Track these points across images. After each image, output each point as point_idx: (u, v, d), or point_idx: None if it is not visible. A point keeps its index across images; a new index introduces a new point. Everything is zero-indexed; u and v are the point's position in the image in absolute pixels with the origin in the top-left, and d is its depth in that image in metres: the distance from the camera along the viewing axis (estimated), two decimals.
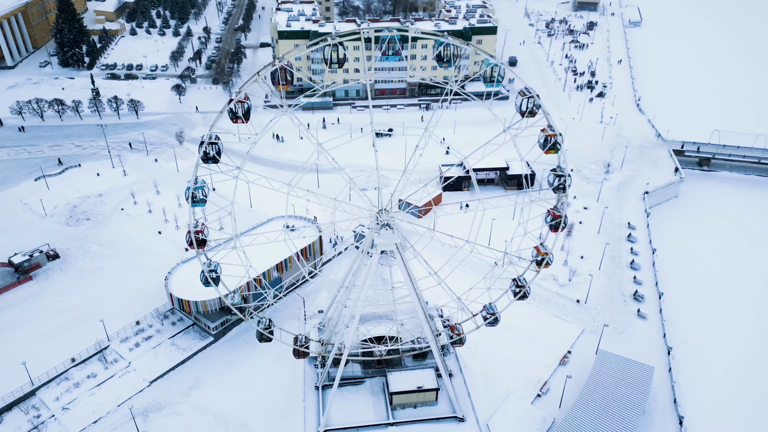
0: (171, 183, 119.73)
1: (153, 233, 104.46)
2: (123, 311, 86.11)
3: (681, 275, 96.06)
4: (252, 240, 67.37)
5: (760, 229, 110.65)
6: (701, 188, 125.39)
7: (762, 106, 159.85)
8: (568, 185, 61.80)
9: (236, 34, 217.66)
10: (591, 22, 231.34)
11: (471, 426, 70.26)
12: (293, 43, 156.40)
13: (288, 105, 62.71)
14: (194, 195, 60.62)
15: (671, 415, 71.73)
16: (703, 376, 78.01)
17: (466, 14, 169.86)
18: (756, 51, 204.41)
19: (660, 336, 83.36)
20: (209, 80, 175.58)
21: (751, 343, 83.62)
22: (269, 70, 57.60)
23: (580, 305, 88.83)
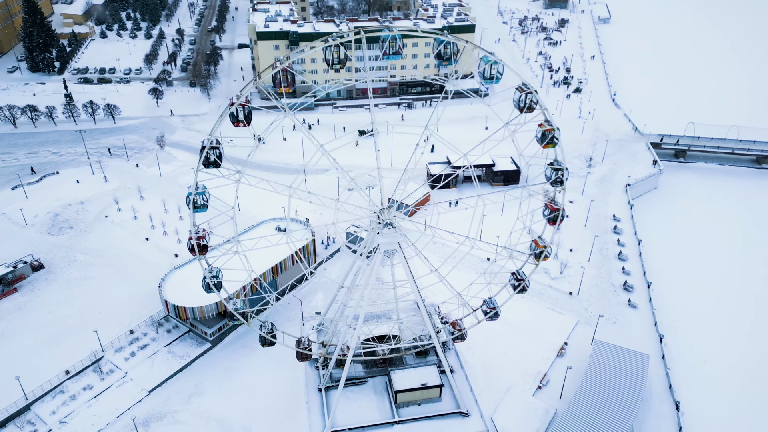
0: (155, 188, 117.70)
1: (140, 240, 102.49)
2: (115, 320, 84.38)
3: (666, 264, 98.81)
4: (254, 244, 66.39)
5: (737, 217, 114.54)
6: (678, 179, 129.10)
7: (732, 97, 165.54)
8: (566, 179, 63.13)
9: (210, 35, 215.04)
10: (562, 19, 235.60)
11: (475, 420, 70.97)
12: (272, 44, 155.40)
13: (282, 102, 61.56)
14: (195, 201, 59.31)
15: (668, 401, 73.80)
16: (694, 361, 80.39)
17: (443, 13, 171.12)
18: (722, 44, 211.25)
19: (651, 324, 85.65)
20: (186, 83, 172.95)
21: (737, 327, 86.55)
22: (271, 73, 56.88)
23: (573, 297, 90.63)
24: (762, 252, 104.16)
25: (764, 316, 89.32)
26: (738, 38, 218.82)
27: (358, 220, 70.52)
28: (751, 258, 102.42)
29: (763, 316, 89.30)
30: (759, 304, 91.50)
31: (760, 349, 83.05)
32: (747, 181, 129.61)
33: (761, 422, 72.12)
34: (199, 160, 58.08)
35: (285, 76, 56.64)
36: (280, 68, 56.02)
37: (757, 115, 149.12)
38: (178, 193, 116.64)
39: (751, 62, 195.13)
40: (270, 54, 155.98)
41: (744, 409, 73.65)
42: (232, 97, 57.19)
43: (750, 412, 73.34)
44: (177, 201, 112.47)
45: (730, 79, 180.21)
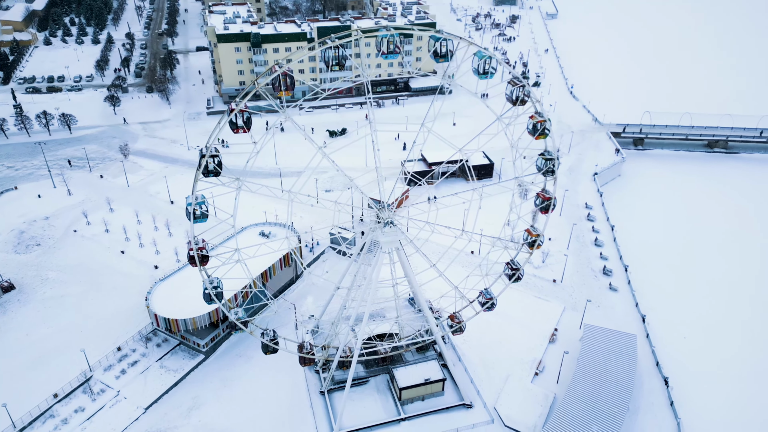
0: (124, 199, 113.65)
1: (115, 253, 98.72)
2: (100, 338, 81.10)
3: (639, 247, 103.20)
4: (255, 251, 65.32)
5: (695, 198, 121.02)
6: (639, 166, 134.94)
7: (683, 85, 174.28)
8: (557, 168, 65.37)
9: (162, 38, 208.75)
10: (513, 15, 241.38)
11: (479, 411, 72.40)
12: (234, 47, 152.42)
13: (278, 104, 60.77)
14: (194, 211, 57.80)
15: (657, 378, 77.31)
16: (674, 338, 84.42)
17: (403, 11, 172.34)
18: (669, 33, 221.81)
19: (633, 306, 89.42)
20: (142, 89, 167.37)
21: (709, 301, 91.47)
22: (271, 77, 55.91)
23: (557, 284, 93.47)
24: (722, 228, 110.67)
25: (735, 287, 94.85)
26: (681, 27, 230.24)
27: (344, 221, 70.49)
28: (713, 234, 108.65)
29: (733, 287, 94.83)
30: (728, 277, 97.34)
31: (735, 318, 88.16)
32: (701, 165, 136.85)
33: (743, 386, 76.59)
34: (198, 169, 56.42)
35: (285, 79, 55.80)
36: (280, 72, 55.08)
37: (708, 101, 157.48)
38: (150, 203, 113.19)
39: (698, 49, 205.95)
40: (232, 57, 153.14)
41: (726, 377, 77.96)
42: (230, 103, 55.94)
43: (732, 379, 77.77)
44: (151, 211, 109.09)
45: (680, 67, 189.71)
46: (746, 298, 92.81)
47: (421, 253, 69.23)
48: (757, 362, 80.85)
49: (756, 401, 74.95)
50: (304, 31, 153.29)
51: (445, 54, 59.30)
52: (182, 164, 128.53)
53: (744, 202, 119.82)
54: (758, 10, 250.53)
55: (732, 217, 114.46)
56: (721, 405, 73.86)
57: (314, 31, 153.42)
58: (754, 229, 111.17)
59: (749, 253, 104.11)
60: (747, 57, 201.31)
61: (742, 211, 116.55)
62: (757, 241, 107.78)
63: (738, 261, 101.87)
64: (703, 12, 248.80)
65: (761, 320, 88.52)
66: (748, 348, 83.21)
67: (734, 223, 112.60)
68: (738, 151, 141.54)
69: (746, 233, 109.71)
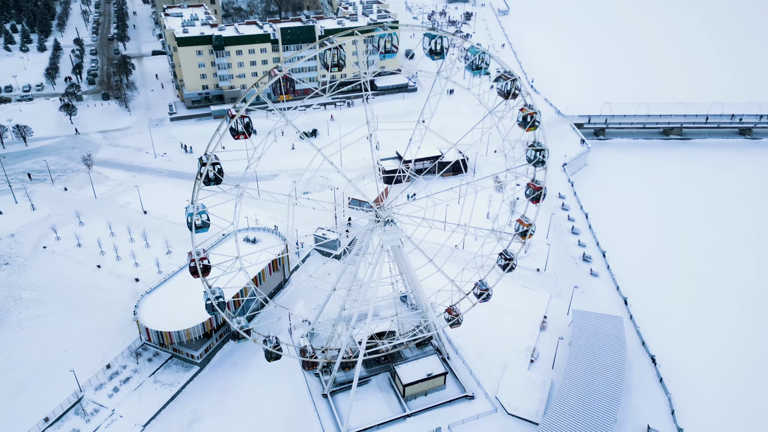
0: (93, 211, 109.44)
1: (91, 268, 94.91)
2: (86, 357, 77.91)
3: (613, 232, 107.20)
4: (257, 258, 64.34)
5: (656, 183, 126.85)
6: (602, 155, 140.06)
7: (638, 75, 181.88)
8: (546, 159, 67.54)
9: (112, 43, 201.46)
10: (467, 12, 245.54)
11: (482, 401, 73.73)
12: (195, 50, 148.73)
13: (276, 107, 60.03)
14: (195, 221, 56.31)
15: (644, 357, 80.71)
16: (655, 318, 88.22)
17: (364, 10, 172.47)
18: (620, 25, 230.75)
19: (614, 289, 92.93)
20: (97, 96, 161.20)
21: (683, 279, 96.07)
22: (272, 81, 55.10)
23: (541, 273, 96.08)
24: (683, 209, 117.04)
25: (703, 262, 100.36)
26: (632, 19, 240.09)
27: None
28: (676, 216, 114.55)
29: (702, 263, 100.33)
30: (695, 254, 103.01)
31: (710, 293, 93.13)
32: (658, 151, 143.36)
33: (724, 357, 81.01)
34: (199, 178, 54.92)
35: (285, 83, 55.10)
36: (281, 75, 54.34)
37: (662, 89, 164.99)
38: (121, 214, 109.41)
39: (650, 40, 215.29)
40: (193, 60, 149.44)
41: (708, 351, 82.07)
42: (229, 109, 54.89)
43: (713, 351, 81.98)
44: (123, 222, 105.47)
45: (634, 58, 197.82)
46: (715, 273, 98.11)
47: (419, 249, 69.97)
48: (735, 332, 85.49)
49: (738, 369, 79.25)
50: (267, 33, 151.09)
51: (441, 51, 60.06)
52: (151, 173, 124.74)
53: (698, 184, 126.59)
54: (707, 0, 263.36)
55: (690, 198, 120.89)
56: (706, 377, 77.78)
57: (277, 32, 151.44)
58: (711, 208, 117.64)
59: (710, 230, 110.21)
60: (698, 46, 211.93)
61: (698, 192, 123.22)
62: (715, 218, 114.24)
63: (701, 238, 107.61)
64: (654, 3, 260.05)
65: (733, 291, 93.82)
66: (724, 320, 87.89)
67: (692, 204, 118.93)
68: (691, 137, 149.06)
69: (704, 212, 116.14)
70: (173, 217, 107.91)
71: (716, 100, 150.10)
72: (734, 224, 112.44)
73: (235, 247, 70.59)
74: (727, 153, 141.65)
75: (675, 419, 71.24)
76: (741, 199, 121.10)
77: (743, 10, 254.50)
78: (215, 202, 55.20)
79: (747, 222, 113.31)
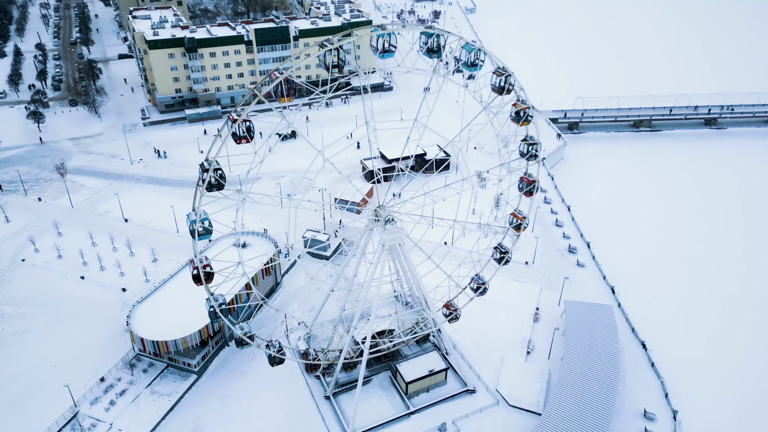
0: (72, 221, 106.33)
1: (74, 280, 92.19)
2: (78, 371, 75.72)
3: (595, 223, 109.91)
4: (259, 262, 63.64)
5: (630, 173, 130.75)
6: (577, 148, 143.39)
7: (607, 69, 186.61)
8: (539, 152, 69.12)
9: (76, 48, 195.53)
10: (436, 11, 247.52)
11: (483, 395, 74.65)
12: (167, 53, 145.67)
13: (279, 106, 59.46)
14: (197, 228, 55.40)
15: (635, 343, 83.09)
16: (640, 305, 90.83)
17: (336, 10, 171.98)
18: (588, 21, 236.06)
19: (601, 279, 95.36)
20: (65, 103, 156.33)
21: (665, 266, 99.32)
22: (273, 84, 54.21)
23: (530, 266, 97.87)
24: (658, 198, 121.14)
25: (682, 247, 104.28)
26: (599, 15, 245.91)
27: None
28: (652, 204, 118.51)
29: (681, 248, 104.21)
30: (673, 239, 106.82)
31: (691, 277, 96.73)
32: (630, 143, 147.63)
33: (710, 337, 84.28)
34: (202, 184, 53.95)
35: (287, 86, 54.50)
36: (282, 78, 53.72)
37: (631, 83, 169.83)
38: (101, 223, 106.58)
39: (617, 36, 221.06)
40: (165, 63, 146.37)
41: (694, 333, 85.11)
42: (230, 114, 54.09)
43: (700, 332, 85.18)
44: (104, 232, 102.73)
45: (602, 52, 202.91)
46: (693, 257, 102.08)
47: (419, 247, 70.47)
48: (718, 314, 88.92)
49: (725, 350, 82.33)
50: (241, 34, 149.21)
51: (438, 49, 60.60)
52: (128, 179, 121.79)
53: (669, 174, 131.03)
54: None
55: (662, 187, 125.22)
56: (695, 360, 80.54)
57: (251, 33, 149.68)
58: (682, 196, 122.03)
59: (684, 217, 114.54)
60: (665, 40, 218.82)
61: (669, 182, 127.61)
62: (687, 205, 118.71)
63: (676, 225, 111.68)
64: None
65: (710, 273, 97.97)
66: (706, 303, 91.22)
67: (665, 192, 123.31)
68: (660, 128, 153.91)
69: (676, 200, 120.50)
70: (156, 224, 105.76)
71: (683, 93, 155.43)
72: (704, 210, 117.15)
73: (227, 253, 70.15)
74: (694, 143, 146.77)
75: (669, 402, 73.65)
76: (708, 187, 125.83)
77: (707, 6, 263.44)
78: (214, 209, 54.41)
79: (715, 207, 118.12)
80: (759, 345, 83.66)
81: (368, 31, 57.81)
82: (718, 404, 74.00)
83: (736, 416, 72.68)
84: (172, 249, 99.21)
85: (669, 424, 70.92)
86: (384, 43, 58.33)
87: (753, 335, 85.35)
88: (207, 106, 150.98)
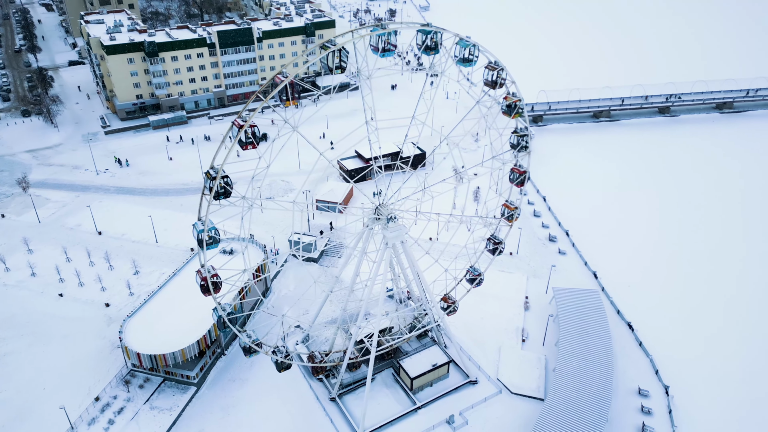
0: (41, 237, 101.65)
1: (52, 298, 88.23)
2: (69, 392, 72.60)
3: (570, 212, 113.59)
4: (267, 269, 62.66)
5: (597, 163, 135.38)
6: (543, 140, 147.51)
7: (566, 62, 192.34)
8: (530, 143, 71.19)
9: (21, 56, 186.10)
10: (391, 9, 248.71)
11: (485, 385, 76.10)
12: (126, 58, 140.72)
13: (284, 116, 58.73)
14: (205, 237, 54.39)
15: (621, 324, 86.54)
16: (621, 287, 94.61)
17: (298, 10, 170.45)
18: (546, 15, 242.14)
19: (582, 265, 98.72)
20: (16, 113, 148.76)
21: (639, 249, 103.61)
22: (278, 88, 53.31)
23: (514, 256, 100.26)
24: (625, 182, 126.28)
25: (654, 230, 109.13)
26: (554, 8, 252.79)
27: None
28: (619, 189, 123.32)
29: (653, 230, 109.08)
30: (645, 221, 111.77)
31: (661, 256, 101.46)
32: (591, 133, 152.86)
33: (690, 314, 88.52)
34: (210, 193, 52.90)
35: (293, 89, 53.84)
36: (287, 82, 53.00)
37: (590, 76, 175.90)
38: (73, 237, 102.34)
39: (573, 27, 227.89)
40: (125, 69, 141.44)
41: (674, 310, 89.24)
42: (235, 119, 53.14)
43: (679, 309, 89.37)
44: (80, 245, 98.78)
45: (558, 45, 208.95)
46: (666, 237, 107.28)
47: (418, 243, 71.17)
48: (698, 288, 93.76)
49: (705, 322, 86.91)
50: (203, 37, 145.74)
51: (435, 47, 61.33)
52: (96, 191, 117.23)
53: (630, 159, 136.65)
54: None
55: (625, 172, 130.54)
56: (679, 335, 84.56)
57: (214, 35, 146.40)
58: (643, 179, 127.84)
59: (649, 198, 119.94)
60: (620, 31, 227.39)
61: (630, 167, 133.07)
62: (649, 187, 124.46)
63: (645, 206, 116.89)
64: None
65: (683, 250, 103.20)
66: (686, 279, 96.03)
67: (629, 177, 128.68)
68: (619, 118, 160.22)
69: (639, 183, 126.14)
70: (133, 235, 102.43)
71: (637, 83, 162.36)
72: (666, 191, 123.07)
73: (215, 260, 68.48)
74: (650, 130, 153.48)
75: (660, 378, 77.19)
76: (664, 170, 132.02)
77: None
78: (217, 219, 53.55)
79: (672, 189, 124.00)
80: (739, 315, 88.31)
81: (368, 31, 57.82)
82: (706, 377, 77.92)
83: (724, 387, 76.45)
84: (152, 260, 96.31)
85: (662, 400, 74.35)
86: (385, 43, 58.55)
87: (733, 307, 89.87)
88: (171, 111, 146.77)
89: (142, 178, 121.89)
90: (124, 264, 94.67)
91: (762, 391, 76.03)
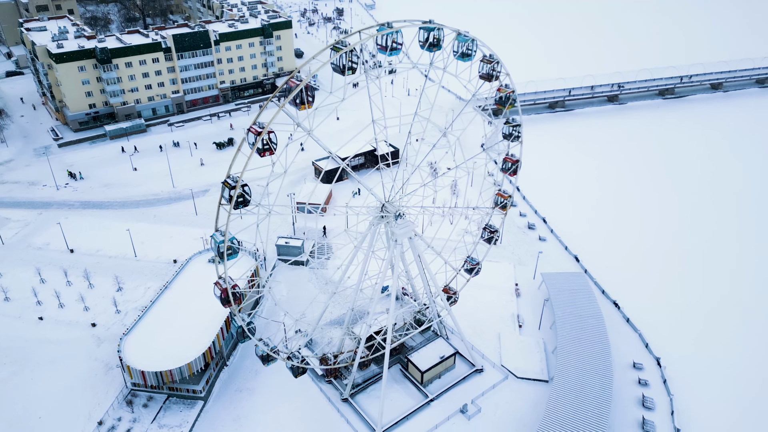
0: (7, 259, 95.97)
1: (31, 322, 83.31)
2: (67, 419, 68.98)
3: (548, 200, 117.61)
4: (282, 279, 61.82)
5: (555, 151, 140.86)
6: None
7: (519, 54, 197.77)
8: (521, 133, 73.64)
9: None
10: (338, 8, 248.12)
11: (491, 372, 78.03)
12: (76, 66, 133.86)
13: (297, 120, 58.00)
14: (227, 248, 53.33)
15: (607, 302, 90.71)
16: (602, 269, 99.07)
17: (252, 12, 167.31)
18: (497, 8, 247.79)
19: (563, 250, 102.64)
20: None
21: (617, 228, 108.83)
22: (294, 92, 52.65)
23: (498, 246, 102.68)
24: (583, 167, 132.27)
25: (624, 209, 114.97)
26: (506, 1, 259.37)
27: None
28: (583, 175, 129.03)
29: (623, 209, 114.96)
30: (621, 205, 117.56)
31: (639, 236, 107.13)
32: (548, 123, 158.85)
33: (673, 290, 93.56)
34: (227, 202, 51.67)
35: (307, 93, 53.35)
36: (303, 85, 52.49)
37: (544, 67, 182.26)
38: (43, 257, 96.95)
39: (525, 19, 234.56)
40: (76, 78, 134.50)
41: (655, 286, 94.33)
42: (251, 126, 52.06)
43: (662, 285, 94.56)
44: (52, 265, 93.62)
45: (511, 38, 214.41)
46: (633, 215, 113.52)
47: (421, 238, 71.99)
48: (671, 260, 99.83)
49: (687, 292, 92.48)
50: (158, 41, 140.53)
51: (437, 43, 62.17)
52: (59, 207, 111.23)
53: (584, 146, 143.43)
54: None
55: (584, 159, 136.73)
56: (663, 306, 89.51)
57: (169, 39, 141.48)
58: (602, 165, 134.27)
59: (610, 180, 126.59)
60: (573, 23, 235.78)
61: (587, 155, 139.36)
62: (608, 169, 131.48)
63: (608, 188, 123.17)
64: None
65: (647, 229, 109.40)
66: (653, 251, 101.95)
67: (587, 163, 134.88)
68: (572, 108, 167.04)
69: (597, 167, 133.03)
70: (108, 251, 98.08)
71: (588, 74, 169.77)
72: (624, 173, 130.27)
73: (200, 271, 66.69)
74: (600, 118, 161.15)
75: (651, 351, 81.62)
76: (616, 156, 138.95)
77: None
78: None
79: (627, 171, 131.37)
80: (715, 282, 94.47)
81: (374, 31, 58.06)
82: (695, 345, 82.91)
83: (712, 354, 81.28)
84: (135, 275, 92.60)
85: (656, 371, 78.65)
86: (392, 42, 58.92)
87: (710, 277, 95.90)
88: (128, 120, 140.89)
89: (108, 191, 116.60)
90: (104, 281, 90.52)
91: (747, 350, 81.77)
